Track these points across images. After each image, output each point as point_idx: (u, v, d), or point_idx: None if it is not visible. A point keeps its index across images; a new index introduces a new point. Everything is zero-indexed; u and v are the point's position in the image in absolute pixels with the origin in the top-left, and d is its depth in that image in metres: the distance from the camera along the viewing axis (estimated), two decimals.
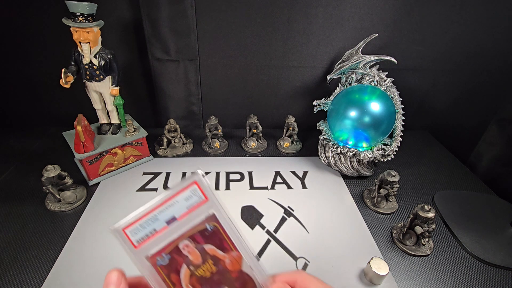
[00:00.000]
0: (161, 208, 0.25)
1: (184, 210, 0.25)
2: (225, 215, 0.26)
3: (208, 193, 0.26)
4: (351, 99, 0.72)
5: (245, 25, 0.77)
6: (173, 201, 0.25)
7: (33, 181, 0.69)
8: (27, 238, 0.56)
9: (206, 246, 0.26)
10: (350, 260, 0.55)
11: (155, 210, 0.25)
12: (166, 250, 0.25)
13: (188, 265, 0.26)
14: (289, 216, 0.64)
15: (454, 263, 0.56)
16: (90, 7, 0.59)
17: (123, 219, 0.24)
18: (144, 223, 0.24)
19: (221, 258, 0.27)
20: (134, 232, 0.24)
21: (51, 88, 0.72)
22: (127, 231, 0.24)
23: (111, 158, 0.71)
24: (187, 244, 0.26)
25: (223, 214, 0.26)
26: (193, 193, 0.25)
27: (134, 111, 0.80)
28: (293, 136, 0.88)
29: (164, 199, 0.25)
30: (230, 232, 0.27)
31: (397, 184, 0.65)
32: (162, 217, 0.25)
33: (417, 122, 0.99)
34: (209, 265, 0.26)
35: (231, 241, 0.27)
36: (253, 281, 0.27)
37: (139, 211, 0.24)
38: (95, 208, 0.64)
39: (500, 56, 0.85)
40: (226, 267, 0.27)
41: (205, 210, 0.26)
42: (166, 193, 0.25)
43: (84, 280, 0.49)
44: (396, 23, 0.79)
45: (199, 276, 0.26)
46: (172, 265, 0.25)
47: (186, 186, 0.25)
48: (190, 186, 0.25)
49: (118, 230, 0.24)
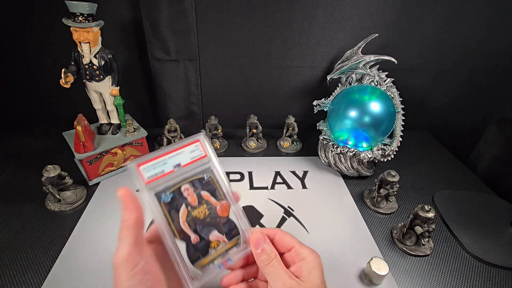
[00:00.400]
0: (171, 155, 0.30)
1: (188, 160, 0.31)
2: (219, 170, 0.33)
3: (208, 151, 0.32)
4: (351, 99, 0.72)
5: (245, 25, 0.77)
6: (180, 151, 0.31)
7: (33, 181, 0.69)
8: (27, 238, 0.56)
9: (202, 192, 0.32)
10: (350, 260, 0.55)
11: (166, 155, 0.30)
12: (170, 189, 0.30)
13: (187, 206, 0.30)
14: (289, 216, 0.64)
15: (454, 263, 0.56)
16: (90, 7, 0.59)
17: (139, 158, 0.29)
18: (155, 163, 0.29)
19: (213, 204, 0.32)
20: (146, 169, 0.29)
21: (51, 88, 0.72)
22: (140, 168, 0.29)
23: (111, 158, 0.71)
24: (187, 187, 0.31)
25: (217, 169, 0.33)
26: (196, 148, 0.32)
27: (134, 111, 0.80)
28: (293, 136, 0.88)
29: (174, 148, 0.31)
30: (222, 184, 0.33)
31: (397, 184, 0.65)
32: (170, 162, 0.30)
33: (417, 122, 0.99)
34: (203, 208, 0.31)
35: (222, 191, 0.33)
36: (237, 228, 0.32)
37: (153, 154, 0.30)
38: (95, 208, 0.64)
39: (500, 56, 0.85)
40: (216, 212, 0.32)
41: (204, 163, 0.32)
42: (176, 144, 0.31)
43: (84, 280, 0.49)
44: (396, 23, 0.79)
45: (194, 216, 0.31)
46: (173, 203, 0.30)
47: (192, 142, 0.32)
48: (194, 142, 0.32)
49: (134, 166, 0.28)
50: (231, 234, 0.32)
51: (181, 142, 0.31)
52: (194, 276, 0.29)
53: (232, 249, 0.32)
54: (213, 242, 0.31)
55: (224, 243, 0.31)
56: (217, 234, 0.31)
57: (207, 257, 0.30)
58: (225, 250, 0.31)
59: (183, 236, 0.30)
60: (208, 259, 0.30)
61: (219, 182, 0.33)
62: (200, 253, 0.30)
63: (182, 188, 0.31)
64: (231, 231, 0.32)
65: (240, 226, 0.33)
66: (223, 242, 0.31)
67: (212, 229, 0.31)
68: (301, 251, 0.32)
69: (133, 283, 0.25)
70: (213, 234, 0.31)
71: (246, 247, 0.32)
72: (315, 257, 0.32)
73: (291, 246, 0.32)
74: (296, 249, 0.32)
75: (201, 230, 0.31)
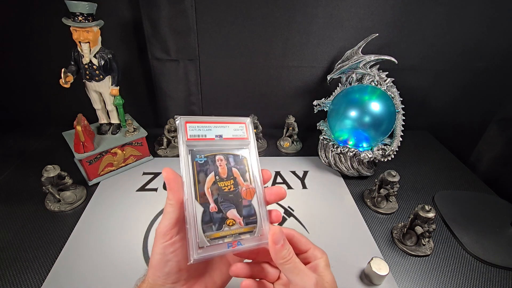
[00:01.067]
0: (216, 125, 0.33)
1: (230, 136, 0.33)
2: (254, 155, 0.34)
3: (250, 135, 0.34)
4: (351, 99, 0.72)
5: (245, 25, 0.77)
6: (225, 125, 0.33)
7: (33, 181, 0.69)
8: (27, 238, 0.56)
9: (234, 169, 0.33)
10: (350, 260, 0.55)
11: (212, 123, 0.33)
12: (206, 153, 0.32)
13: (216, 174, 0.32)
14: (289, 216, 0.64)
15: (454, 263, 0.56)
16: (90, 7, 0.59)
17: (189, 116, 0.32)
18: (201, 126, 0.32)
19: (240, 183, 0.32)
20: (191, 128, 0.32)
21: (50, 88, 0.72)
22: (188, 125, 0.31)
23: (111, 158, 0.71)
24: (221, 158, 0.32)
25: (253, 154, 0.34)
26: (240, 128, 0.34)
27: (134, 111, 0.80)
28: (293, 136, 0.88)
29: (221, 121, 0.33)
30: (253, 169, 0.33)
31: (397, 184, 0.65)
32: (214, 131, 0.33)
33: (418, 122, 0.99)
34: (230, 184, 0.32)
35: (252, 176, 0.33)
36: (256, 217, 0.32)
37: (201, 118, 0.32)
38: (95, 208, 0.64)
39: (500, 56, 0.85)
40: (241, 193, 0.32)
41: (243, 144, 0.34)
42: (224, 118, 0.33)
43: (83, 280, 0.49)
44: (396, 23, 0.79)
45: (219, 186, 0.31)
46: (204, 167, 0.31)
47: (239, 122, 0.34)
48: (240, 123, 0.34)
49: (182, 121, 0.31)
50: (249, 220, 0.32)
51: (228, 118, 0.34)
52: (202, 245, 0.29)
53: (245, 234, 0.31)
54: (229, 220, 0.31)
55: (240, 225, 0.31)
56: (235, 213, 0.31)
57: (219, 232, 0.30)
58: (238, 233, 0.31)
59: (203, 201, 0.30)
60: (220, 233, 0.30)
61: (251, 166, 0.33)
62: (214, 224, 0.30)
63: (217, 157, 0.32)
64: (250, 217, 0.32)
65: (259, 215, 0.32)
66: (239, 224, 0.31)
67: (232, 206, 0.31)
68: (316, 253, 0.33)
69: (166, 251, 0.28)
70: (231, 212, 0.31)
71: (260, 239, 0.32)
72: (327, 256, 0.33)
73: (308, 247, 0.33)
74: (312, 251, 0.33)
75: (221, 203, 0.31)
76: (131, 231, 0.58)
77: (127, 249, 0.55)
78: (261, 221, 0.32)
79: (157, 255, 0.29)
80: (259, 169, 0.34)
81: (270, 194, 0.33)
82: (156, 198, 0.67)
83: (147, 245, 0.56)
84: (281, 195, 0.33)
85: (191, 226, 0.29)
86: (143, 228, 0.59)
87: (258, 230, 0.32)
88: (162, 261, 0.29)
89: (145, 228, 0.59)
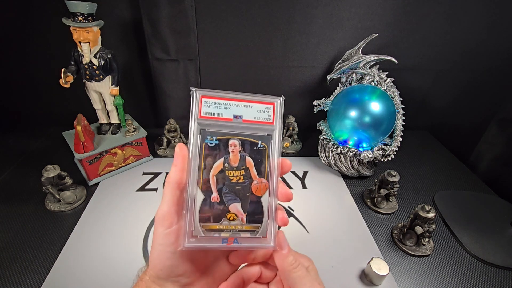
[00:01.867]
0: (236, 103, 0.28)
1: (251, 118, 0.28)
2: (277, 145, 0.29)
3: (276, 119, 0.29)
4: (351, 99, 0.72)
5: (245, 25, 0.77)
6: (248, 104, 0.28)
7: (32, 181, 0.69)
8: (26, 238, 0.56)
9: (248, 158, 0.28)
10: (350, 260, 0.55)
11: (231, 100, 0.28)
12: (219, 135, 0.28)
13: (225, 161, 0.28)
14: (289, 216, 0.64)
15: (454, 263, 0.56)
16: (90, 7, 0.59)
17: (206, 90, 0.27)
18: (218, 103, 0.28)
19: (251, 176, 0.28)
20: (207, 104, 0.27)
21: (50, 88, 0.72)
22: (203, 100, 0.27)
23: (111, 158, 0.71)
24: (235, 143, 0.28)
25: (276, 143, 0.29)
26: (266, 110, 0.29)
27: (134, 111, 0.80)
28: (293, 136, 0.88)
29: (243, 99, 0.28)
30: (272, 161, 0.29)
31: (397, 184, 0.65)
32: (232, 110, 0.28)
33: (418, 122, 0.99)
34: (239, 174, 0.28)
35: (269, 169, 0.29)
36: (262, 216, 0.28)
37: (220, 94, 0.28)
38: (94, 208, 0.64)
39: (500, 55, 0.85)
40: (250, 187, 0.28)
41: (266, 130, 0.29)
42: (247, 96, 0.28)
43: (83, 280, 0.49)
44: (396, 22, 0.79)
45: (226, 175, 0.28)
46: (214, 151, 0.28)
47: (265, 102, 0.29)
48: (267, 104, 0.29)
49: (198, 95, 0.27)
50: (253, 218, 0.28)
51: (254, 96, 0.28)
52: (196, 234, 0.26)
53: (245, 232, 0.28)
54: (231, 214, 0.28)
55: (241, 221, 0.28)
56: (238, 208, 0.28)
57: (217, 224, 0.27)
58: (238, 230, 0.28)
59: (206, 188, 0.27)
60: (217, 226, 0.27)
61: (270, 157, 0.29)
62: (212, 215, 0.27)
63: (230, 141, 0.28)
64: (255, 215, 0.28)
65: (267, 216, 0.28)
66: (241, 220, 0.28)
67: (236, 200, 0.28)
68: (302, 260, 0.30)
69: (167, 241, 0.26)
70: (235, 206, 0.28)
71: (261, 241, 0.28)
72: (312, 262, 0.31)
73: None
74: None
75: (225, 194, 0.28)
76: (131, 231, 0.58)
77: (127, 249, 0.55)
78: (267, 222, 0.28)
79: (158, 246, 0.26)
80: (279, 163, 0.29)
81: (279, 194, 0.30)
82: (156, 198, 0.67)
83: (147, 245, 0.56)
84: (288, 197, 0.30)
85: (188, 212, 0.26)
86: (143, 228, 0.59)
87: (261, 231, 0.28)
88: (164, 253, 0.26)
89: (145, 228, 0.59)
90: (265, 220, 0.28)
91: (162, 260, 0.26)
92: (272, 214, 0.29)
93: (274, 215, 0.29)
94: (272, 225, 0.28)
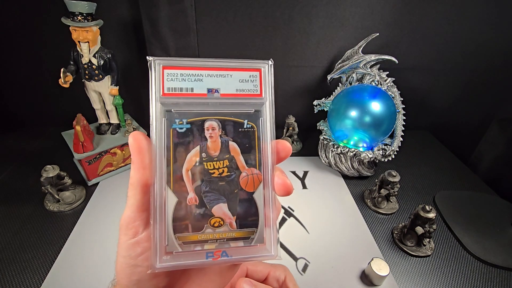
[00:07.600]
0: (210, 72, 0.21)
1: (232, 91, 0.22)
2: (269, 123, 0.22)
3: (265, 90, 0.22)
4: (351, 98, 0.72)
5: (245, 24, 0.77)
6: (226, 73, 0.22)
7: (32, 181, 0.69)
8: (26, 238, 0.56)
9: (232, 143, 0.22)
10: (350, 260, 0.55)
11: (204, 70, 0.21)
12: (190, 117, 0.21)
13: (202, 150, 0.21)
14: (289, 217, 0.64)
15: (455, 264, 0.56)
16: (89, 7, 0.58)
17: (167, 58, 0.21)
18: (186, 75, 0.21)
19: (238, 167, 0.22)
20: (170, 77, 0.21)
21: (50, 87, 0.72)
22: (165, 72, 0.21)
23: (110, 158, 0.71)
24: (213, 126, 0.21)
25: (267, 121, 0.22)
26: (251, 79, 0.22)
27: (134, 111, 0.80)
28: (293, 136, 0.88)
29: (218, 66, 0.22)
30: (264, 145, 0.22)
31: (397, 184, 0.65)
32: (206, 82, 0.21)
33: (418, 122, 0.99)
34: (223, 166, 0.22)
35: (260, 154, 0.22)
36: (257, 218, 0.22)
37: (187, 62, 0.21)
38: (94, 208, 0.64)
39: (501, 55, 0.85)
40: (238, 180, 0.22)
41: (253, 104, 0.22)
42: (224, 62, 0.22)
43: (83, 280, 0.49)
44: (397, 22, 0.78)
45: (205, 169, 0.21)
46: (185, 138, 0.21)
47: (248, 68, 0.22)
48: (251, 70, 0.22)
49: (158, 65, 0.21)
50: (246, 221, 0.22)
51: (232, 62, 0.22)
52: (170, 249, 0.20)
53: (237, 241, 0.21)
54: (215, 218, 0.21)
55: (230, 227, 0.21)
56: (224, 210, 0.21)
57: (197, 234, 0.21)
58: (227, 238, 0.21)
59: (178, 188, 0.21)
60: (197, 236, 0.21)
61: (261, 139, 0.22)
62: (191, 223, 0.21)
63: (207, 124, 0.21)
64: (248, 217, 0.22)
65: (262, 217, 0.22)
66: (229, 225, 0.21)
67: (221, 199, 0.21)
68: (278, 273, 0.28)
69: (132, 253, 0.21)
70: (219, 207, 0.21)
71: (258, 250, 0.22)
72: (288, 270, 0.29)
73: (267, 272, 0.29)
74: (272, 274, 0.29)
75: (205, 194, 0.21)
76: None
77: None
78: (264, 225, 0.22)
79: (122, 258, 0.21)
80: (273, 147, 0.22)
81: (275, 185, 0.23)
82: None
83: None
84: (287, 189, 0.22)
85: (157, 222, 0.20)
86: None
87: (257, 238, 0.22)
88: (128, 266, 0.21)
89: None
90: (261, 222, 0.22)
91: (127, 274, 0.21)
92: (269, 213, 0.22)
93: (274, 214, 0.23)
94: (272, 227, 0.22)
